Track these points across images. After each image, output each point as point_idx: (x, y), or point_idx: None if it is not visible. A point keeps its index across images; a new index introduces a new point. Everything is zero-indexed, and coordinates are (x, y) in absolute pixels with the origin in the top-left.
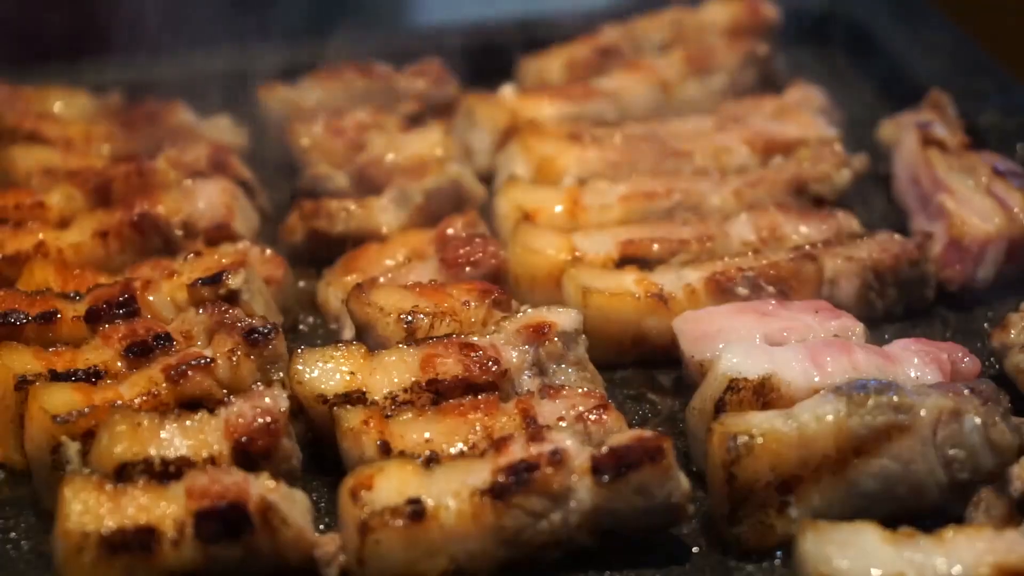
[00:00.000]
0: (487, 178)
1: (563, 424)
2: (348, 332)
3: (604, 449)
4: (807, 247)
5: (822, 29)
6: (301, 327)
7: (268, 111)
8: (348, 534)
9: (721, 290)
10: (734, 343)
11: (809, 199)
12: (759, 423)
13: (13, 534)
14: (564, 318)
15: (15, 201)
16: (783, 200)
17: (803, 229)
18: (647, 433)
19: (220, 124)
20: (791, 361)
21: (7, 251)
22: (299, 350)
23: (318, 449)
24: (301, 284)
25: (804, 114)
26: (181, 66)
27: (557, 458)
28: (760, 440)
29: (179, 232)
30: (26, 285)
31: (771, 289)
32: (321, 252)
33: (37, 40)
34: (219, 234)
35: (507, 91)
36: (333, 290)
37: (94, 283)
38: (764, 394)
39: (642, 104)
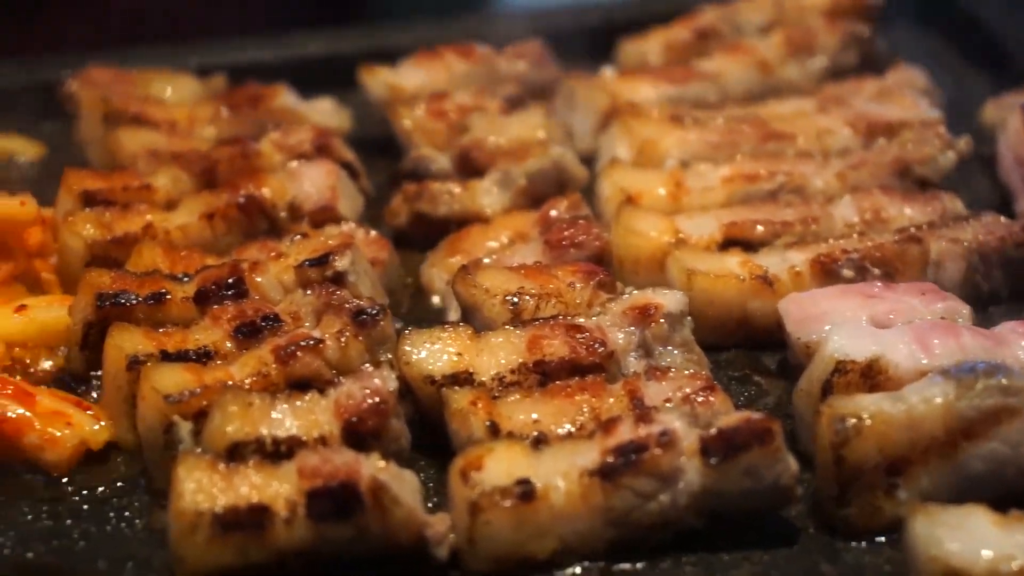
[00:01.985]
0: (588, 160)
1: (670, 406)
2: (453, 314)
3: (713, 431)
4: (912, 229)
5: (923, 9)
6: (404, 308)
7: (370, 93)
8: (458, 514)
9: (826, 272)
10: (840, 325)
11: (913, 181)
12: (867, 405)
13: (127, 512)
14: (670, 300)
15: (122, 183)
16: (886, 182)
17: (907, 211)
18: (756, 415)
19: (322, 106)
20: (898, 343)
21: (116, 233)
22: (406, 331)
23: (425, 429)
24: (404, 265)
25: (906, 96)
26: (283, 48)
27: (666, 439)
28: (869, 422)
29: (284, 214)
30: (135, 266)
31: (876, 271)
32: (424, 234)
33: (141, 23)
34: (324, 216)
35: (607, 73)
36: (437, 271)
37: (201, 264)
38: (871, 376)
39: (742, 86)
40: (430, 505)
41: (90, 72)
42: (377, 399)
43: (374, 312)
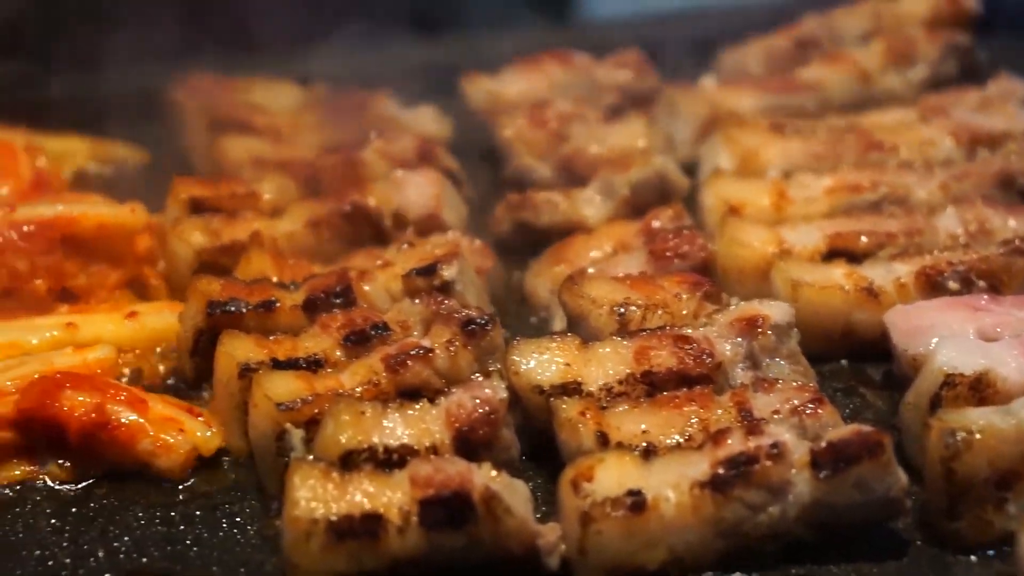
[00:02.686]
0: (688, 169)
1: (778, 417)
2: (558, 323)
3: (823, 443)
4: (1017, 241)
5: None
6: (508, 317)
7: (471, 101)
8: (569, 524)
9: (931, 284)
10: (948, 338)
11: (1016, 193)
12: (977, 419)
13: (238, 518)
14: (777, 311)
15: (229, 191)
16: (989, 193)
17: (1011, 223)
18: (866, 428)
19: (424, 114)
20: (1006, 357)
21: (223, 240)
22: (515, 341)
23: (531, 439)
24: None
25: (1008, 106)
26: (382, 57)
27: (776, 451)
28: (978, 436)
29: (388, 222)
30: (243, 274)
31: (982, 283)
32: (525, 242)
33: (243, 31)
34: (429, 224)
35: (707, 82)
36: (541, 280)
37: (309, 272)
38: (980, 390)
39: (842, 95)
40: (538, 515)
41: (193, 79)
42: (488, 408)
43: (483, 322)
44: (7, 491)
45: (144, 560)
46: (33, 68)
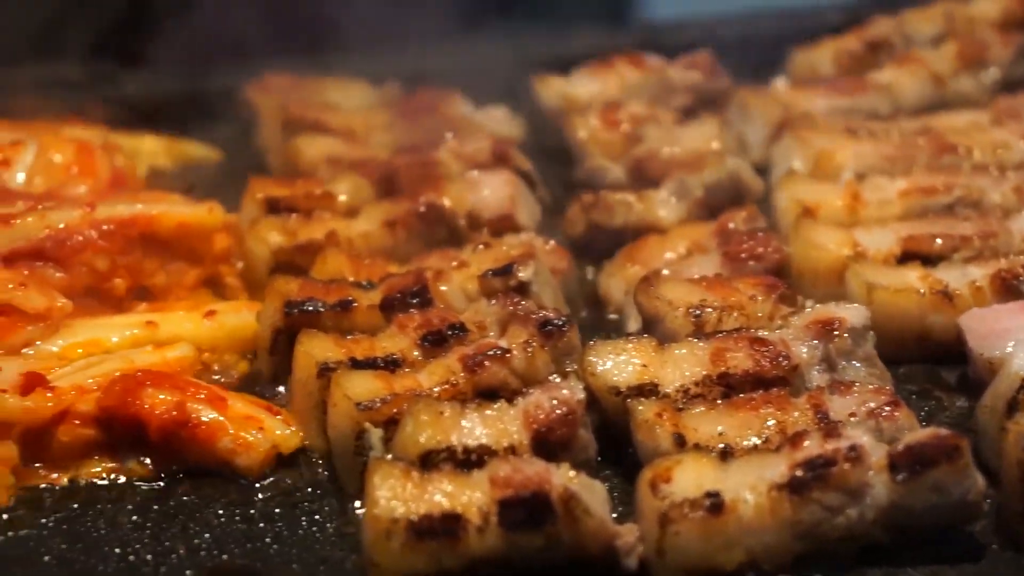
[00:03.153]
0: (760, 170)
1: (855, 420)
2: (633, 324)
3: (900, 447)
4: None
5: None
6: (582, 317)
7: (543, 102)
8: (647, 525)
9: (1007, 288)
10: None
11: None
12: None
13: (317, 516)
14: (853, 314)
15: (305, 191)
16: None
17: None
18: (943, 431)
19: (496, 115)
20: None
21: (299, 240)
22: (591, 342)
23: (607, 439)
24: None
25: None
26: (453, 56)
27: (854, 454)
28: None
29: (463, 223)
30: (320, 273)
31: None
32: (598, 243)
33: (316, 30)
34: (503, 225)
35: (779, 84)
36: (615, 281)
37: (385, 272)
38: None
39: (914, 98)
40: (614, 515)
41: (267, 79)
42: (565, 409)
43: (560, 323)
44: (89, 487)
45: (224, 557)
46: (108, 67)
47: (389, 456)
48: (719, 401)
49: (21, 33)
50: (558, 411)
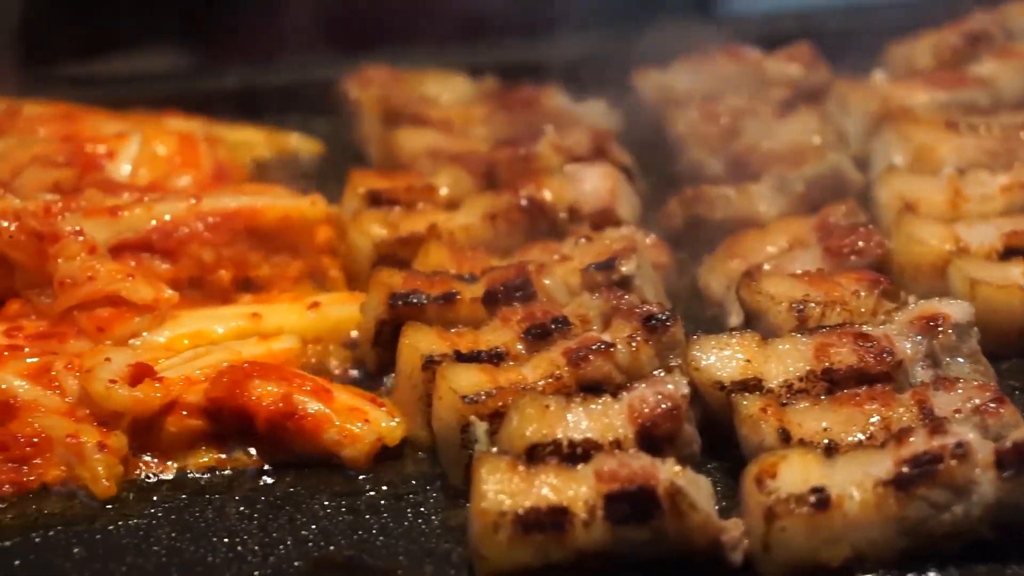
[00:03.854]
0: (859, 164)
1: (960, 416)
2: (734, 318)
3: (1008, 443)
4: None
5: None
6: (681, 311)
7: (641, 95)
8: (752, 520)
9: None
10: None
11: None
12: None
13: (423, 508)
14: (957, 310)
15: (406, 183)
16: None
17: None
18: None
19: (594, 108)
20: None
21: (401, 232)
22: (694, 337)
23: (708, 433)
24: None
25: None
26: (550, 49)
27: (961, 451)
28: None
29: (564, 216)
30: (422, 266)
31: None
32: (697, 237)
33: (412, 22)
34: (603, 218)
35: (878, 77)
36: (715, 275)
37: (486, 265)
38: None
39: (1014, 91)
40: (716, 509)
41: (366, 71)
42: (670, 404)
43: (664, 318)
44: (196, 477)
45: (331, 548)
46: (210, 59)
47: (494, 449)
48: (823, 396)
49: (120, 23)
50: (663, 406)
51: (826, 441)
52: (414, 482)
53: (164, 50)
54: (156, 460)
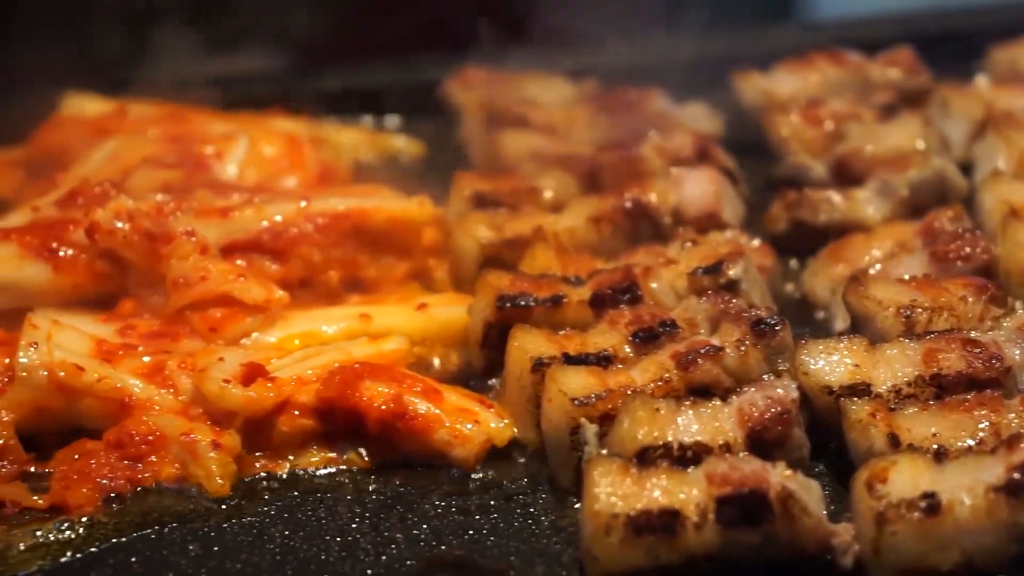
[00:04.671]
0: (961, 169)
1: None
2: (840, 323)
3: None
4: None
5: None
6: (786, 315)
7: (743, 98)
8: (863, 524)
9: None
10: None
11: None
12: None
13: (532, 509)
14: None
15: (511, 186)
16: None
17: None
18: None
19: (695, 111)
20: None
21: (507, 234)
22: (802, 341)
23: (815, 438)
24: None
25: None
26: (645, 52)
27: None
28: None
29: (668, 219)
30: (528, 268)
31: None
32: (800, 241)
33: (514, 25)
34: (708, 222)
35: (981, 81)
36: (820, 280)
37: (592, 268)
38: None
39: None
40: (823, 513)
41: (468, 73)
42: (780, 408)
43: (773, 322)
44: (308, 476)
45: (443, 547)
46: (312, 60)
47: (603, 451)
48: (931, 402)
49: (225, 26)
50: (773, 410)
51: (935, 446)
52: (523, 483)
53: (265, 51)
54: (268, 460)
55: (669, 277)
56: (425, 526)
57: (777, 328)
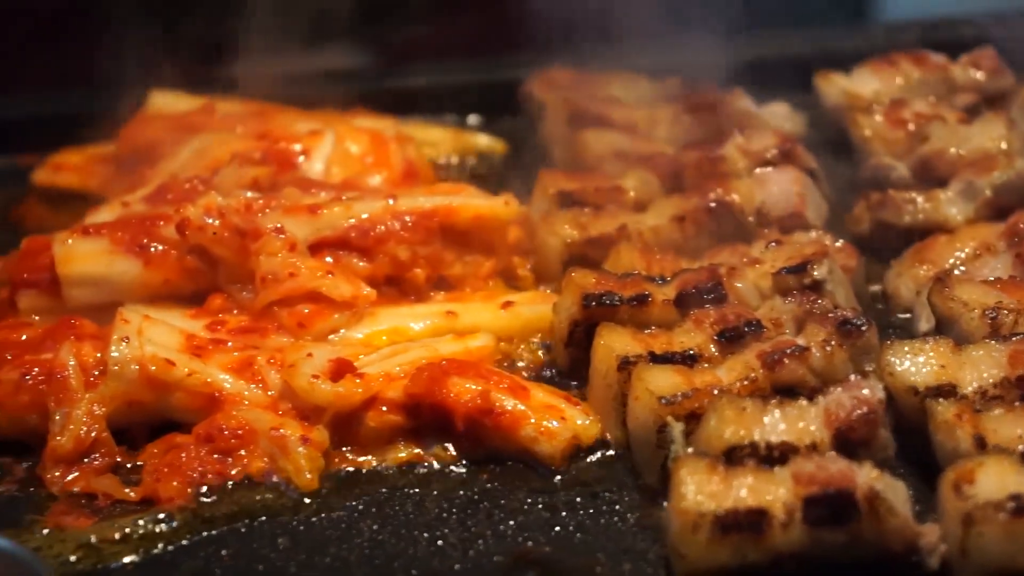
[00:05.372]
0: None
1: None
2: (924, 324)
3: None
4: None
5: None
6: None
7: (825, 99)
8: (950, 525)
9: None
10: None
11: None
12: None
13: (618, 507)
14: None
15: (595, 185)
16: None
17: None
18: None
19: (778, 110)
20: None
21: (591, 233)
22: (888, 342)
23: (900, 438)
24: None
25: None
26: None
27: None
28: None
29: (751, 219)
30: (613, 267)
31: None
32: (883, 241)
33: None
34: (791, 223)
35: None
36: (903, 280)
37: (676, 267)
38: None
39: None
40: (910, 513)
41: (551, 72)
42: (866, 408)
43: (859, 323)
44: (395, 472)
45: (530, 544)
46: (396, 58)
47: (690, 450)
48: (1016, 404)
49: (307, 23)
50: (859, 410)
51: (1021, 448)
52: (608, 480)
53: (349, 50)
54: (356, 455)
55: (753, 277)
56: (512, 522)
57: (863, 329)
